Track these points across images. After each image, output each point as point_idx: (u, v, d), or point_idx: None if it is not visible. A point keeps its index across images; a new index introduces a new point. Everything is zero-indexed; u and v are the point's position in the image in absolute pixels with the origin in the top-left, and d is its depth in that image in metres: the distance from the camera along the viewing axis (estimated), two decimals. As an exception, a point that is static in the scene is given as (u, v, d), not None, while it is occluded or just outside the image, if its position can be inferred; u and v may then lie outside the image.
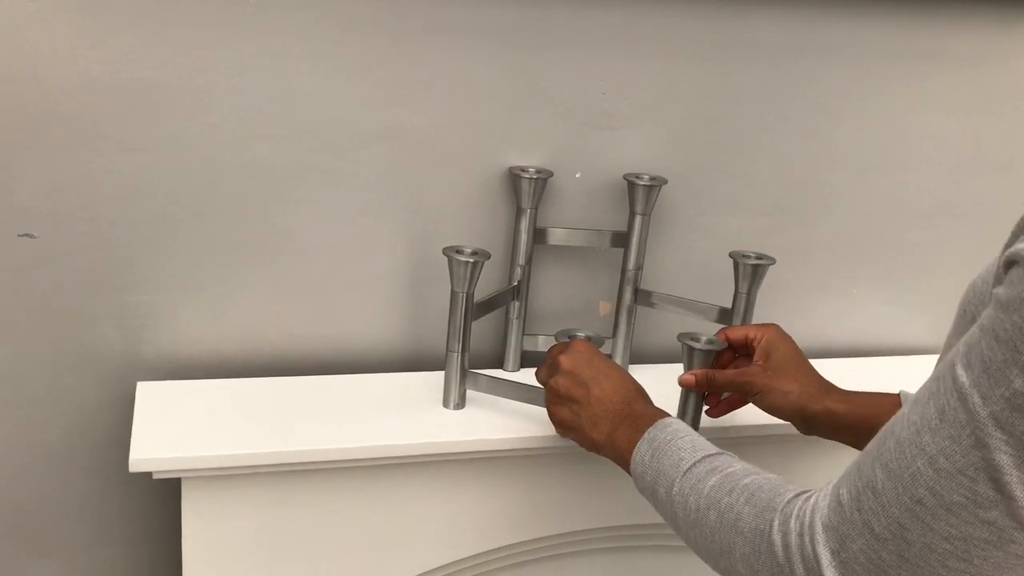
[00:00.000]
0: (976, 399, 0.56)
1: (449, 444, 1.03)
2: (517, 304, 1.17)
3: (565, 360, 0.95)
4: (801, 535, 0.66)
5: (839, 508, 0.64)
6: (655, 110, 1.17)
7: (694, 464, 0.79)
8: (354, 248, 1.13)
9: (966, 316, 0.70)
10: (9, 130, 0.98)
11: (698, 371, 0.99)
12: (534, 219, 1.14)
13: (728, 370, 1.01)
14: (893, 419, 0.63)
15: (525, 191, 1.12)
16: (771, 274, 1.16)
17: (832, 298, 1.34)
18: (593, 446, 0.93)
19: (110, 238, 1.05)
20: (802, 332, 1.12)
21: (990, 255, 0.68)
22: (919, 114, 1.27)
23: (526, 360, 1.21)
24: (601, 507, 1.15)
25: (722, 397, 1.05)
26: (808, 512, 0.66)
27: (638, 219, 1.16)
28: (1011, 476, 0.55)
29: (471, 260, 1.03)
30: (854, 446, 0.94)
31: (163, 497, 1.14)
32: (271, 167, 1.07)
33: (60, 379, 1.08)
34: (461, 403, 1.09)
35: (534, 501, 1.11)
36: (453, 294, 1.05)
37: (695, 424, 1.02)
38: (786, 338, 1.01)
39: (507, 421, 1.08)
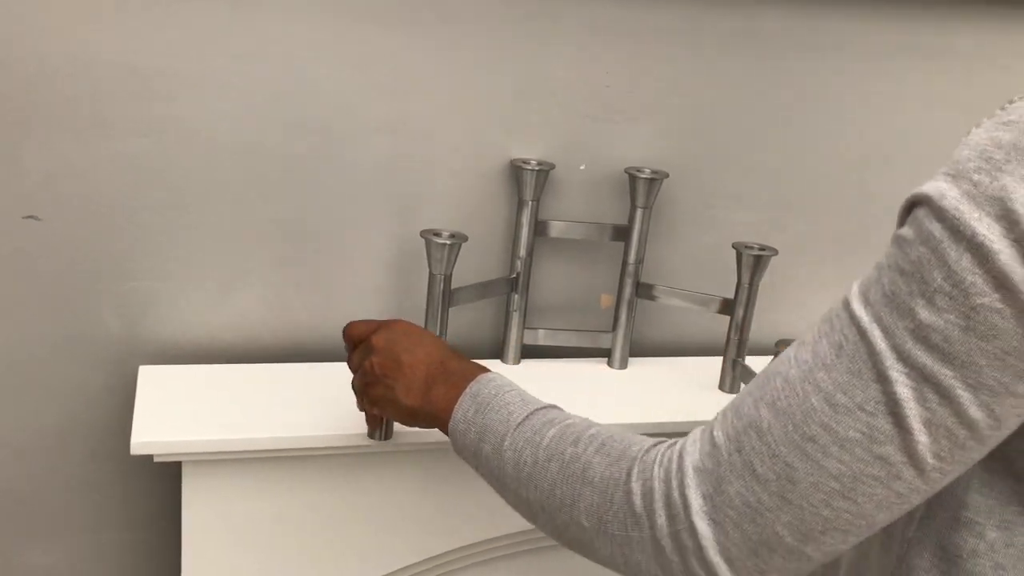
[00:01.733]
0: (877, 332, 0.56)
1: (427, 433, 1.02)
2: (517, 296, 1.18)
3: (377, 339, 0.87)
4: (667, 481, 0.63)
5: (714, 451, 0.61)
6: (658, 103, 1.18)
7: (527, 417, 0.74)
8: (355, 237, 1.13)
9: None
10: (14, 113, 0.99)
11: None
12: (536, 211, 1.15)
13: None
14: (774, 362, 0.63)
15: (527, 183, 1.12)
16: (773, 268, 1.16)
17: (833, 293, 1.34)
18: (409, 414, 0.84)
19: (113, 223, 1.05)
20: (803, 327, 1.12)
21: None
22: (924, 111, 1.28)
23: (526, 353, 1.21)
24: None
25: None
26: (675, 458, 0.63)
27: (639, 212, 1.17)
28: (910, 409, 0.55)
29: (448, 242, 1.04)
30: None
31: (163, 481, 1.14)
32: (275, 154, 1.07)
33: (62, 363, 1.09)
34: None
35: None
36: (431, 276, 1.06)
37: None
38: None
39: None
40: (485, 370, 0.82)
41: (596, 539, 0.67)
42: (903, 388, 0.55)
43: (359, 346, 0.89)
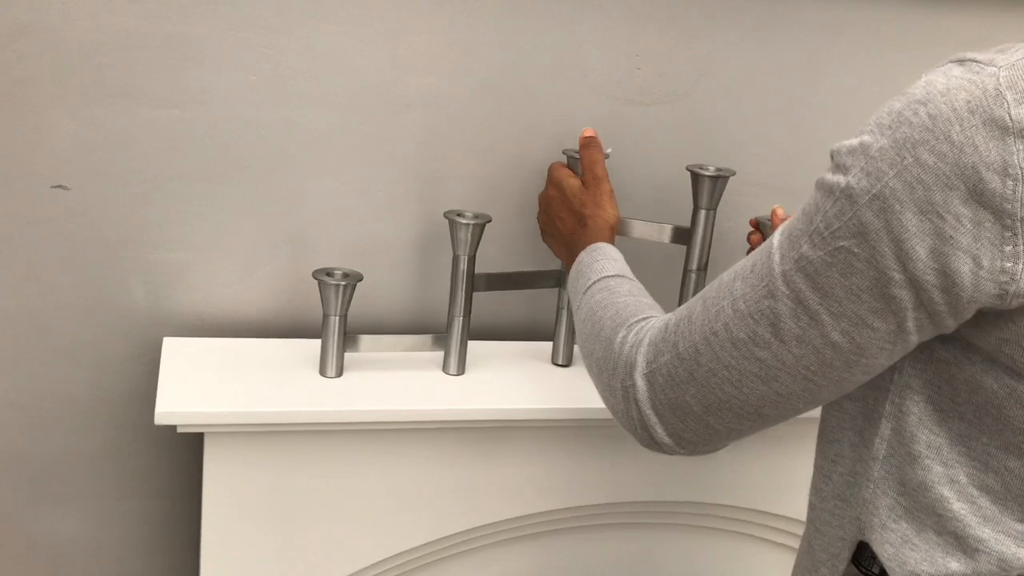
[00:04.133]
0: (777, 258, 0.68)
1: (449, 412, 1.04)
2: (565, 294, 1.12)
3: (542, 202, 1.09)
4: (633, 346, 0.78)
5: (664, 329, 0.76)
6: (689, 87, 1.17)
7: (596, 282, 0.90)
8: (384, 213, 1.13)
9: None
10: (45, 81, 0.99)
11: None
12: None
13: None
14: (729, 268, 0.74)
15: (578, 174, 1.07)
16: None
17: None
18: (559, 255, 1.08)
19: (141, 193, 1.05)
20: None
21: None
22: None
23: (578, 360, 1.16)
24: (611, 482, 1.15)
25: None
26: (644, 330, 0.78)
27: (703, 214, 1.09)
28: (785, 325, 0.67)
29: (471, 223, 1.03)
30: None
31: (185, 453, 1.15)
32: (305, 128, 1.07)
33: (87, 332, 1.09)
34: (461, 369, 1.10)
35: (552, 471, 1.12)
36: (455, 257, 1.05)
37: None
38: None
39: (507, 388, 1.08)
40: (602, 239, 0.98)
41: (597, 381, 0.84)
42: (783, 305, 0.67)
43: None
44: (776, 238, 0.69)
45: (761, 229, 1.11)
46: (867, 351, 0.66)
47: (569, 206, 1.03)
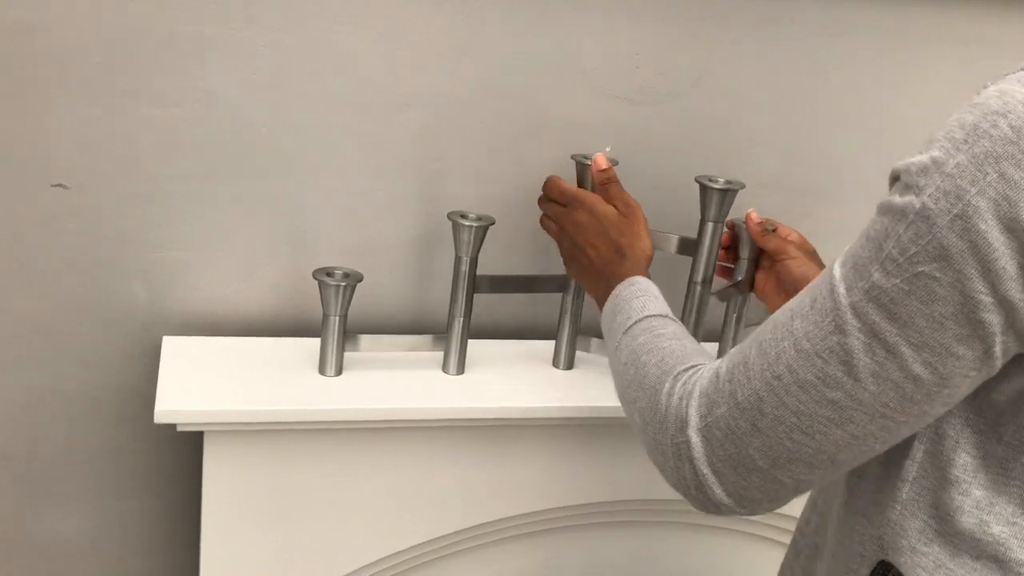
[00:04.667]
0: (842, 290, 0.63)
1: (448, 411, 1.04)
2: (568, 299, 1.13)
3: (569, 226, 1.01)
4: (682, 398, 0.72)
5: (715, 379, 0.70)
6: (688, 86, 1.17)
7: (636, 322, 0.85)
8: (384, 213, 1.13)
9: None
10: (45, 79, 0.99)
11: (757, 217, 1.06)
12: None
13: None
14: (780, 308, 0.70)
15: (588, 180, 1.05)
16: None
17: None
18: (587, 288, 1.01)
19: (141, 192, 1.05)
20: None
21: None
22: (957, 100, 1.26)
23: (580, 362, 1.16)
24: (610, 480, 1.15)
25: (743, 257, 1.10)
26: (693, 380, 0.73)
27: (710, 227, 1.07)
28: (859, 361, 0.62)
29: (475, 225, 1.03)
30: None
31: (184, 451, 1.15)
32: (306, 128, 1.07)
33: (87, 331, 1.09)
34: (461, 369, 1.10)
35: (551, 470, 1.12)
36: (457, 259, 1.05)
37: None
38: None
39: (507, 388, 1.08)
40: (639, 272, 0.94)
41: (641, 434, 0.78)
42: (854, 340, 0.62)
43: (552, 204, 1.04)
44: (837, 269, 0.64)
45: (736, 231, 1.09)
46: (951, 381, 0.62)
47: (605, 234, 0.98)
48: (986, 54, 1.25)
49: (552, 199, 1.05)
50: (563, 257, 1.04)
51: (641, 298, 0.88)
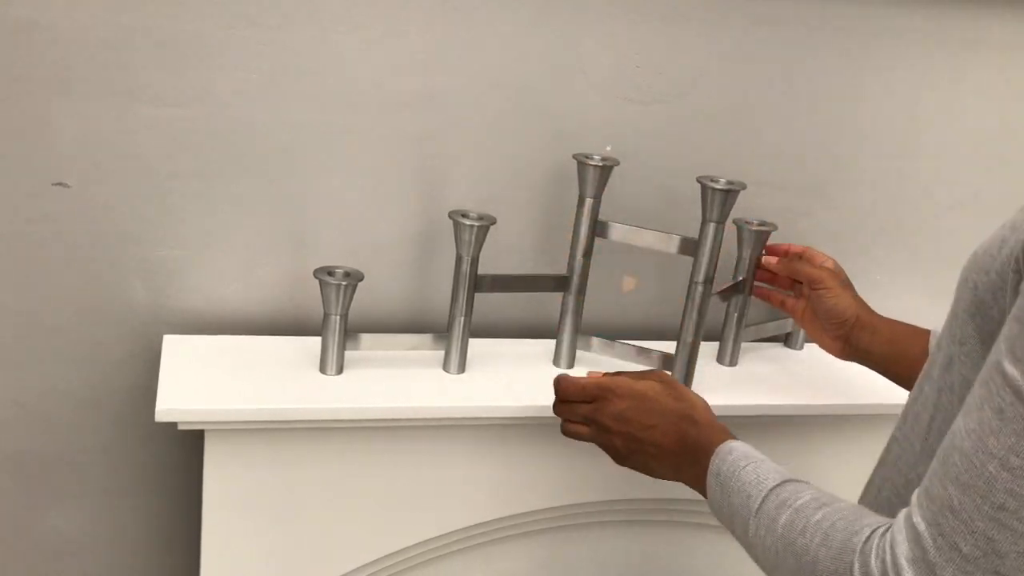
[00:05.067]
0: None
1: (449, 410, 1.04)
2: (569, 298, 1.13)
3: (605, 418, 0.92)
4: (886, 574, 0.63)
5: (918, 538, 0.62)
6: (688, 86, 1.17)
7: (763, 500, 0.76)
8: (385, 212, 1.13)
9: (967, 283, 0.71)
10: (46, 79, 0.99)
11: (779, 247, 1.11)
12: (596, 210, 1.09)
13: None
14: (948, 435, 0.63)
15: (589, 180, 1.06)
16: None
17: (859, 283, 1.34)
18: (671, 478, 0.91)
19: (142, 191, 1.06)
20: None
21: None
22: (955, 101, 1.27)
23: (580, 361, 1.16)
24: (611, 479, 1.15)
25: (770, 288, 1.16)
26: (888, 549, 0.63)
27: (711, 227, 1.06)
28: None
29: (476, 224, 1.03)
30: (882, 370, 1.04)
31: (185, 449, 1.15)
32: (306, 127, 1.07)
33: (88, 329, 1.10)
34: (462, 368, 1.10)
35: (552, 469, 1.12)
36: (458, 258, 1.05)
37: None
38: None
39: (507, 387, 1.09)
40: (722, 434, 0.85)
41: None
42: None
43: (575, 406, 0.94)
44: (1009, 368, 0.59)
45: (740, 231, 1.17)
46: None
47: (659, 408, 0.89)
48: (986, 55, 1.25)
49: (570, 400, 0.95)
50: (616, 458, 0.93)
51: (750, 467, 0.79)
